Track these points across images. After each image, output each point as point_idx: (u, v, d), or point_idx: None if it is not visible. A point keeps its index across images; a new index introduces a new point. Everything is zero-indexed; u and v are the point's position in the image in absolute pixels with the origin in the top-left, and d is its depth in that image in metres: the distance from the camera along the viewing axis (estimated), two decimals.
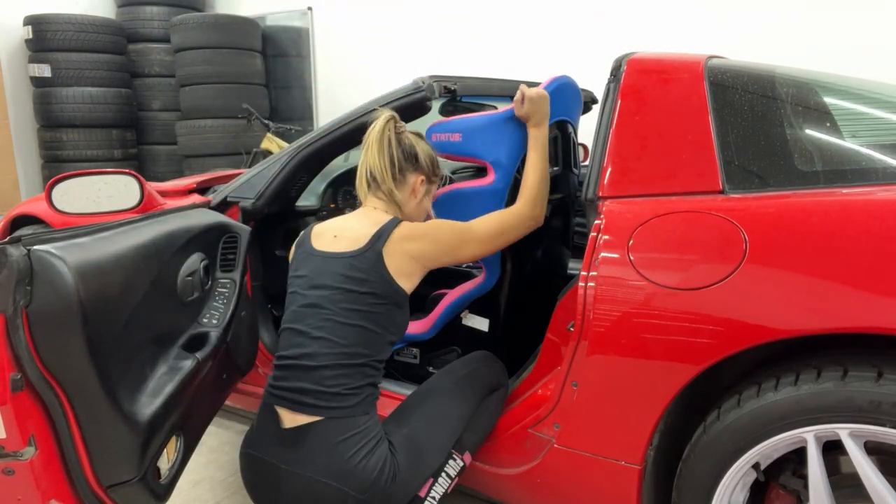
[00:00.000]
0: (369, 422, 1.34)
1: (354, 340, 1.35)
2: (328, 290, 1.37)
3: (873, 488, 0.98)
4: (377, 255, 1.36)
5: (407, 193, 1.52)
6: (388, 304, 1.38)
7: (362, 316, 1.35)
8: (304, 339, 1.36)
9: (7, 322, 1.03)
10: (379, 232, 1.39)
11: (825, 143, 1.30)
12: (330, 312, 1.35)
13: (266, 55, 6.12)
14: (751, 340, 1.05)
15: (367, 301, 1.36)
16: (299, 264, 1.47)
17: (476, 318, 1.83)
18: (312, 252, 1.44)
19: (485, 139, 1.59)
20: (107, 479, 1.19)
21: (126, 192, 1.74)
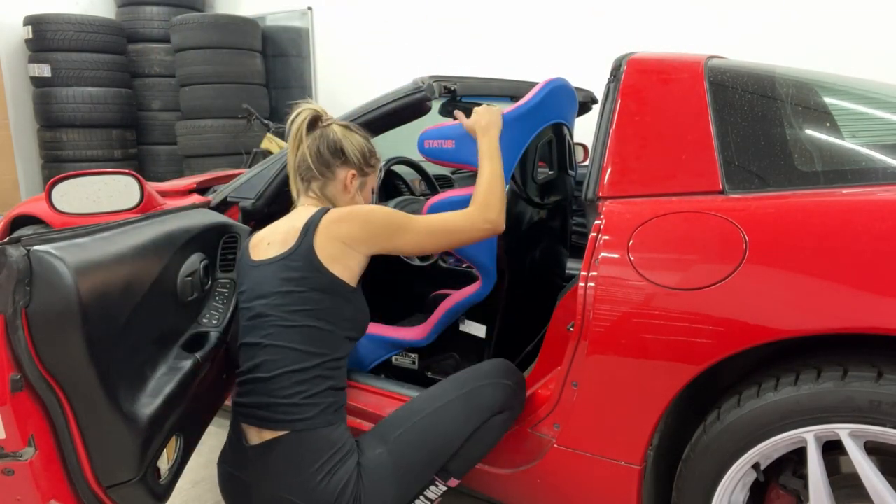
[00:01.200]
0: (333, 434, 1.28)
1: (303, 340, 1.30)
2: (269, 297, 1.32)
3: (873, 488, 0.98)
4: (308, 248, 1.31)
5: (339, 189, 1.48)
6: (331, 297, 1.32)
7: (307, 315, 1.30)
8: (255, 350, 1.33)
9: (7, 322, 1.03)
10: (307, 224, 1.33)
11: (825, 144, 1.30)
12: (275, 319, 1.31)
13: (266, 55, 6.13)
14: (751, 340, 1.05)
15: (310, 298, 1.30)
16: (241, 279, 1.43)
17: (473, 324, 1.83)
18: (250, 264, 1.40)
19: (477, 145, 1.59)
20: (106, 480, 1.19)
21: (126, 192, 1.74)
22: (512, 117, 1.59)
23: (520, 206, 1.75)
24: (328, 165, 1.46)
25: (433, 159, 1.61)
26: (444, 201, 1.62)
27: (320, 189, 1.47)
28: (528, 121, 1.63)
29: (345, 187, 1.48)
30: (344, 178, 1.47)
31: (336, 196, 1.48)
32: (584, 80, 2.05)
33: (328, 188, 1.47)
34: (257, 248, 1.42)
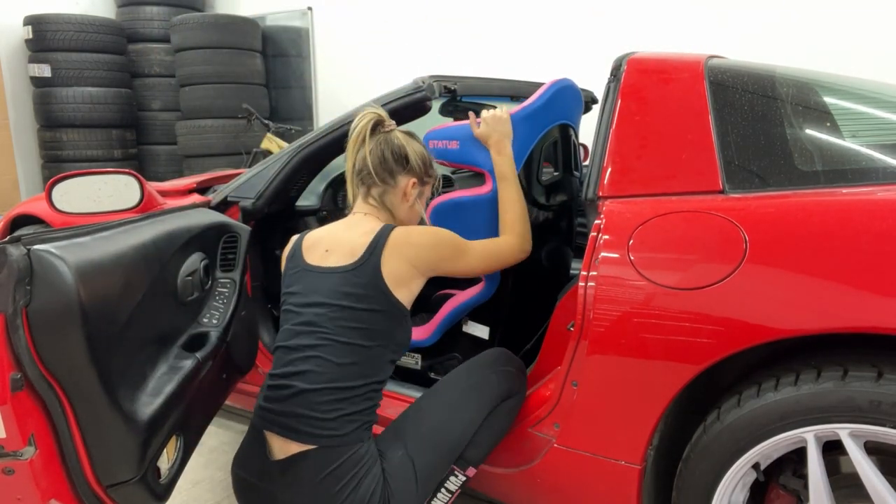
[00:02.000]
0: (361, 449, 1.26)
1: (352, 360, 1.27)
2: (324, 308, 1.29)
3: (873, 488, 0.98)
4: (375, 268, 1.29)
5: (398, 197, 1.45)
6: (387, 321, 1.30)
7: (361, 334, 1.28)
8: (298, 358, 1.29)
9: (7, 322, 1.03)
10: (374, 241, 1.31)
11: (825, 143, 1.30)
12: (327, 331, 1.28)
13: (266, 55, 6.13)
14: (751, 340, 1.05)
15: (366, 318, 1.28)
16: (292, 280, 1.40)
17: (476, 325, 1.83)
18: (306, 268, 1.37)
19: (483, 147, 1.58)
20: (107, 479, 1.19)
21: (126, 191, 1.75)
22: (518, 118, 1.59)
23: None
24: (391, 173, 1.43)
25: (438, 159, 1.61)
26: (449, 203, 1.62)
27: (380, 196, 1.44)
28: (534, 122, 1.63)
29: (404, 195, 1.45)
30: (405, 186, 1.44)
31: (395, 205, 1.46)
32: (584, 80, 2.05)
33: (388, 196, 1.44)
34: (313, 251, 1.39)
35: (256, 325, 1.92)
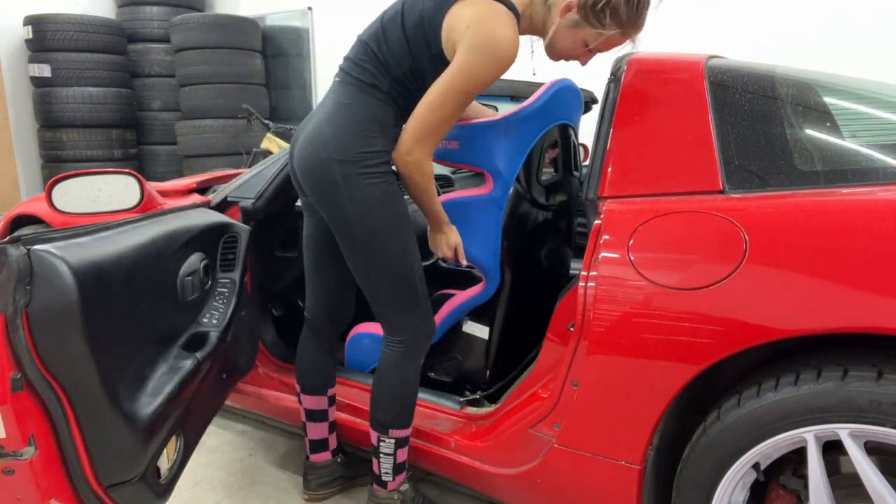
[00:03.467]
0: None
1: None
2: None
3: (873, 488, 0.98)
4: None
5: (555, 8, 1.35)
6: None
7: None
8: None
9: (7, 322, 1.03)
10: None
11: (825, 143, 1.30)
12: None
13: (266, 55, 6.13)
14: (751, 340, 1.05)
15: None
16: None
17: (476, 325, 1.84)
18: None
19: (483, 147, 1.58)
20: (107, 479, 1.19)
21: (126, 192, 1.75)
22: (517, 118, 1.59)
23: (524, 207, 1.75)
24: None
25: (437, 159, 1.60)
26: (449, 202, 1.62)
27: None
28: (533, 122, 1.63)
29: (560, 10, 1.33)
30: (562, 3, 1.32)
31: (539, 12, 1.36)
32: (584, 80, 2.05)
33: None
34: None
35: (256, 325, 1.93)
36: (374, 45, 1.41)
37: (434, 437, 1.62)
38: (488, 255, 1.65)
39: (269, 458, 2.07)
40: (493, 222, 1.62)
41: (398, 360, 1.51)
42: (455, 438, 1.58)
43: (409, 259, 1.45)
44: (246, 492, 1.87)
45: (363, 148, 1.39)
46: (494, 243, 1.66)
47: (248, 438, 2.21)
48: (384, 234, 1.42)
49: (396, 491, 1.58)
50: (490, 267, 1.68)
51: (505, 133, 1.59)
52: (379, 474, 1.57)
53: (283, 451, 2.12)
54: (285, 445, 2.16)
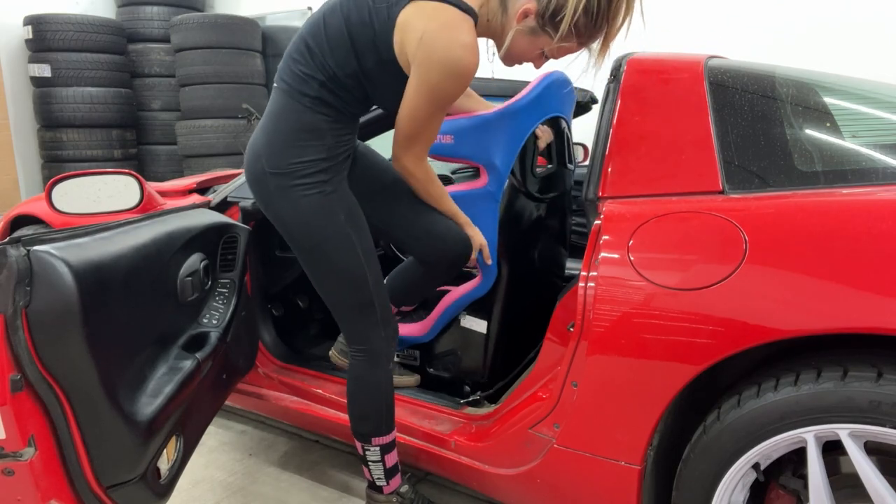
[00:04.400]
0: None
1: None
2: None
3: (873, 488, 0.98)
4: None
5: (510, 11, 1.28)
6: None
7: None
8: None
9: (7, 322, 1.03)
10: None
11: (825, 144, 1.30)
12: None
13: (266, 55, 6.13)
14: (751, 341, 1.05)
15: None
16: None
17: (474, 319, 1.84)
18: None
19: (477, 141, 1.58)
20: (107, 480, 1.19)
21: (126, 192, 1.75)
22: (510, 111, 1.59)
23: (519, 200, 1.75)
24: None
25: (432, 154, 1.60)
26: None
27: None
28: (526, 115, 1.63)
29: (518, 16, 1.26)
30: (521, 6, 1.24)
31: (495, 15, 1.29)
32: (584, 79, 2.05)
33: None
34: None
35: (256, 325, 1.93)
36: (312, 42, 1.32)
37: (434, 437, 1.62)
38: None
39: (269, 458, 2.07)
40: (489, 216, 1.62)
41: (365, 368, 1.49)
42: (455, 439, 1.58)
43: (357, 268, 1.40)
44: (246, 492, 1.87)
45: (294, 158, 1.34)
46: (491, 237, 1.66)
47: (248, 438, 2.21)
48: (328, 245, 1.39)
49: (395, 494, 1.58)
50: (489, 262, 1.68)
51: (499, 126, 1.59)
52: (372, 480, 1.56)
53: (283, 451, 2.12)
54: (285, 445, 2.16)
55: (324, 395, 1.85)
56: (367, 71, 1.31)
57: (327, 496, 1.85)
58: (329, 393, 1.84)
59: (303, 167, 1.35)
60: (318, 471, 1.99)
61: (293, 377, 1.95)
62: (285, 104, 1.36)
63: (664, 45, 4.07)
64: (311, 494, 1.86)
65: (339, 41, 1.28)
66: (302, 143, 1.34)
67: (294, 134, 1.34)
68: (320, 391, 1.86)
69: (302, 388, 1.90)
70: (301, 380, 1.93)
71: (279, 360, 2.02)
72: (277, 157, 1.35)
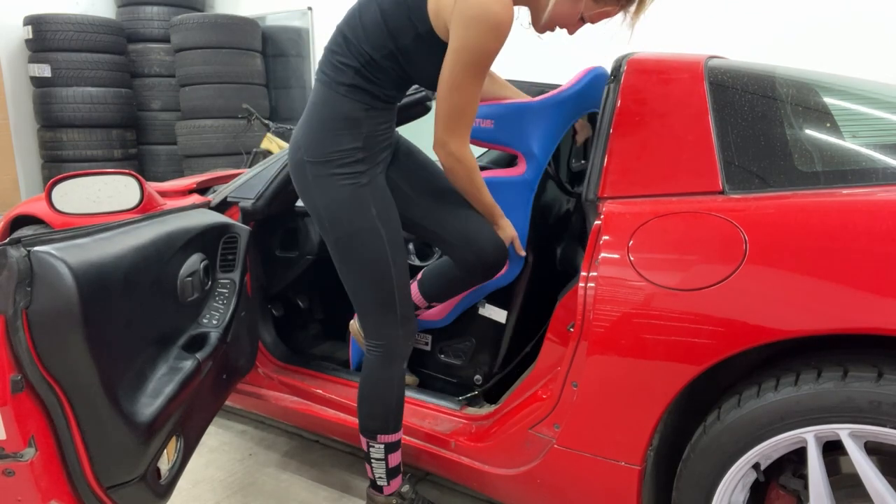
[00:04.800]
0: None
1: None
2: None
3: (873, 488, 0.98)
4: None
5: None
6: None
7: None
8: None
9: (7, 323, 1.03)
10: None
11: (825, 144, 1.30)
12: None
13: (266, 55, 6.13)
14: (751, 341, 1.05)
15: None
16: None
17: (495, 309, 1.80)
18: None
19: (518, 128, 1.55)
20: (107, 480, 1.19)
21: (126, 192, 1.75)
22: (555, 101, 1.56)
23: (552, 191, 1.72)
24: None
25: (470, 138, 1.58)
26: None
27: None
28: (570, 106, 1.61)
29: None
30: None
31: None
32: None
33: None
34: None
35: (256, 325, 1.92)
36: (348, 31, 1.36)
37: (434, 437, 1.62)
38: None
39: (269, 458, 2.07)
40: (523, 204, 1.60)
41: (380, 364, 1.49)
42: (455, 439, 1.58)
43: (383, 263, 1.42)
44: (246, 492, 1.87)
45: (331, 147, 1.37)
46: (523, 226, 1.64)
47: (248, 438, 2.21)
48: (356, 238, 1.40)
49: (395, 495, 1.58)
50: (514, 250, 1.65)
51: (540, 116, 1.57)
52: (374, 479, 1.56)
53: (283, 451, 2.12)
54: (285, 445, 2.16)
55: (324, 395, 1.85)
56: (404, 49, 1.33)
57: (327, 496, 1.85)
58: (329, 393, 1.84)
59: (339, 156, 1.37)
60: (318, 471, 1.99)
61: (293, 377, 1.95)
62: (323, 94, 1.40)
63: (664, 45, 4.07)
64: (311, 494, 1.86)
65: (374, 25, 1.32)
66: (338, 131, 1.37)
67: (331, 122, 1.38)
68: (320, 391, 1.86)
69: (302, 388, 1.90)
70: (301, 380, 1.93)
71: (279, 360, 2.02)
72: (315, 146, 1.39)
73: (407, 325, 1.50)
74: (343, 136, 1.37)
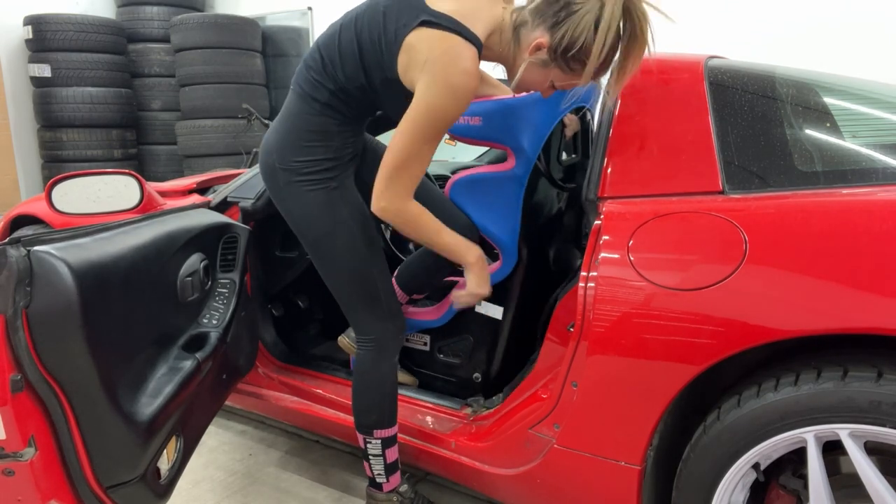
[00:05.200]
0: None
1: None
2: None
3: (873, 488, 0.98)
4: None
5: (523, 42, 1.28)
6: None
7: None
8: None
9: (7, 323, 1.03)
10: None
11: (825, 144, 1.30)
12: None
13: (266, 55, 6.13)
14: (751, 341, 1.05)
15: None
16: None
17: (490, 305, 1.80)
18: None
19: (505, 124, 1.56)
20: (107, 480, 1.19)
21: (126, 192, 1.75)
22: (538, 98, 1.57)
23: (542, 187, 1.72)
24: (540, 15, 1.22)
25: (458, 136, 1.58)
26: (469, 178, 1.60)
27: (513, 21, 1.28)
28: (557, 101, 1.61)
29: (531, 48, 1.25)
30: (534, 40, 1.23)
31: (507, 44, 1.30)
32: None
33: (518, 30, 1.27)
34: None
35: (256, 325, 1.92)
36: (325, 53, 1.38)
37: (434, 437, 1.62)
38: (507, 233, 1.63)
39: (269, 458, 2.07)
40: (514, 199, 1.60)
41: (371, 359, 1.53)
42: (455, 439, 1.58)
43: (361, 261, 1.46)
44: (246, 492, 1.87)
45: (302, 157, 1.42)
46: (514, 221, 1.64)
47: (248, 438, 2.21)
48: (331, 238, 1.45)
49: (395, 493, 1.58)
50: (509, 245, 1.64)
51: (528, 112, 1.57)
52: (373, 476, 1.57)
53: (283, 451, 2.12)
54: (285, 445, 2.16)
55: (323, 395, 1.85)
56: (374, 86, 1.36)
57: (327, 496, 1.85)
58: (329, 393, 1.84)
59: (310, 165, 1.42)
60: (318, 470, 1.99)
61: (293, 377, 1.95)
62: (298, 106, 1.43)
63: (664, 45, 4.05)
64: (311, 494, 1.86)
65: (349, 55, 1.34)
66: (311, 143, 1.42)
67: (304, 135, 1.42)
68: (320, 391, 1.86)
69: (302, 388, 1.90)
70: (301, 380, 1.93)
71: (279, 360, 2.02)
72: (287, 155, 1.43)
73: (395, 320, 1.53)
74: (315, 147, 1.42)
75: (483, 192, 1.60)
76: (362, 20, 1.32)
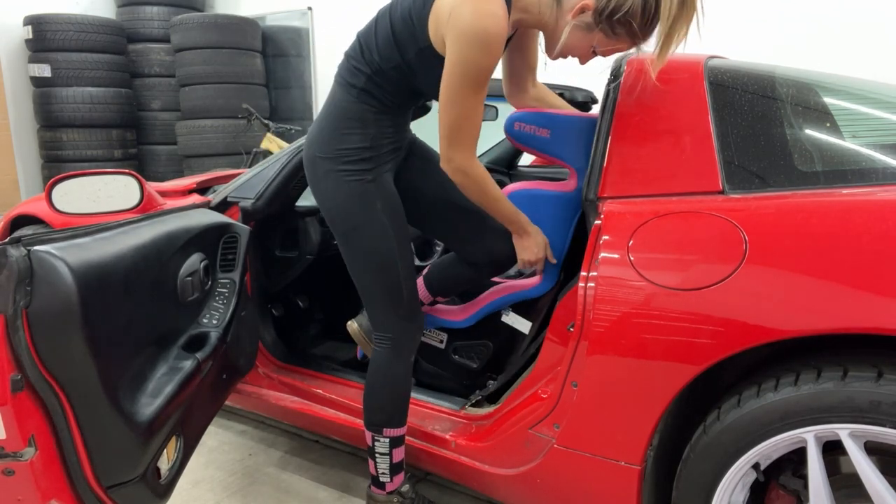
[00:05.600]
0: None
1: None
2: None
3: (873, 488, 0.98)
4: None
5: (564, 6, 1.28)
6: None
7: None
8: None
9: (7, 323, 1.03)
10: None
11: (825, 144, 1.30)
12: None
13: (266, 55, 6.13)
14: (751, 341, 1.05)
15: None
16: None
17: (519, 318, 1.76)
18: None
19: (576, 142, 1.50)
20: (107, 480, 1.19)
21: (126, 192, 1.75)
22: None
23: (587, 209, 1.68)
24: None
25: (520, 144, 1.52)
26: (527, 193, 1.55)
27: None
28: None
29: (574, 11, 1.24)
30: (575, 2, 1.24)
31: (547, 6, 1.29)
32: (584, 80, 2.05)
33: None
34: None
35: (256, 325, 1.93)
36: (363, 40, 1.43)
37: (434, 437, 1.62)
38: (555, 254, 1.58)
39: (269, 458, 2.07)
40: (568, 221, 1.56)
41: (387, 357, 1.53)
42: (455, 439, 1.58)
43: (390, 258, 1.47)
44: (246, 492, 1.87)
45: (339, 144, 1.44)
46: (563, 242, 1.59)
47: (248, 438, 2.21)
48: (362, 231, 1.46)
49: (396, 493, 1.58)
50: (554, 265, 1.61)
51: (593, 132, 1.47)
52: (377, 475, 1.57)
53: (283, 451, 2.12)
54: (285, 445, 2.16)
55: (323, 395, 1.85)
56: (409, 61, 1.38)
57: (327, 496, 1.85)
58: (329, 393, 1.84)
59: (347, 153, 1.44)
60: (318, 471, 1.99)
61: (293, 377, 1.95)
62: (338, 95, 1.47)
63: None
64: (311, 494, 1.86)
65: (384, 38, 1.38)
66: (347, 130, 1.44)
67: (342, 122, 1.45)
68: (320, 391, 1.86)
69: (302, 388, 1.90)
70: (301, 380, 1.93)
71: (279, 360, 2.02)
72: (325, 143, 1.46)
73: (414, 319, 1.54)
74: (352, 135, 1.44)
75: (537, 210, 1.54)
76: (395, 6, 1.37)
